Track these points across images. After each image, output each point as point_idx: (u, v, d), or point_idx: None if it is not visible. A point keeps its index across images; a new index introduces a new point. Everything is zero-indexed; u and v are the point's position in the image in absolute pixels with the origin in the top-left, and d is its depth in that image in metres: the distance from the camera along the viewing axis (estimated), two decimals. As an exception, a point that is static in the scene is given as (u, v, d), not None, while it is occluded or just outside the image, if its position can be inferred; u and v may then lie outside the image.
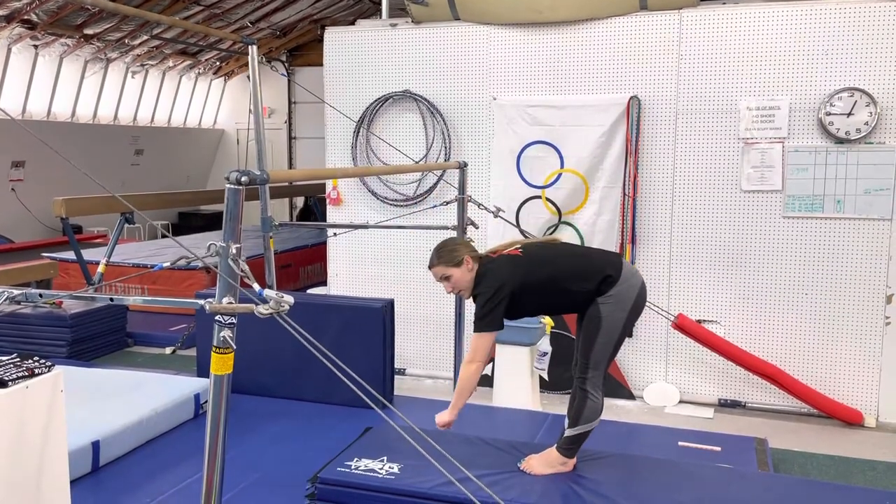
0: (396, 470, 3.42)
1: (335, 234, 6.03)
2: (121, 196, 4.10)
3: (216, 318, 2.22)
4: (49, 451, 2.66)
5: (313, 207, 12.52)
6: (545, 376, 5.32)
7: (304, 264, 9.32)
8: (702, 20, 5.12)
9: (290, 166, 14.10)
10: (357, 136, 5.97)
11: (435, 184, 5.85)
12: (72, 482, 2.97)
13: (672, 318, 5.11)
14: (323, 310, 4.86)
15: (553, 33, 5.44)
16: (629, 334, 3.43)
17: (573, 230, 5.51)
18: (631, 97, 5.26)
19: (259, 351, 4.70)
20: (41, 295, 2.72)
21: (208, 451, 2.28)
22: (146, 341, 6.87)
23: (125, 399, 4.37)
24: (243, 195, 2.25)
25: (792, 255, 5.07)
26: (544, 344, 5.18)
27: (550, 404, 5.22)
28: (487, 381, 5.47)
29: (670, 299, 5.34)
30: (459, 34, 5.67)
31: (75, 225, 10.56)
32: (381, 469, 3.43)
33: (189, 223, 13.31)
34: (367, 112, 5.91)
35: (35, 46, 10.07)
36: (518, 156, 5.57)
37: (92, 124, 11.62)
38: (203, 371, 5.07)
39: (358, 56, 5.92)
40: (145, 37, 10.71)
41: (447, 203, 5.08)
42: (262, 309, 2.14)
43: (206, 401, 4.51)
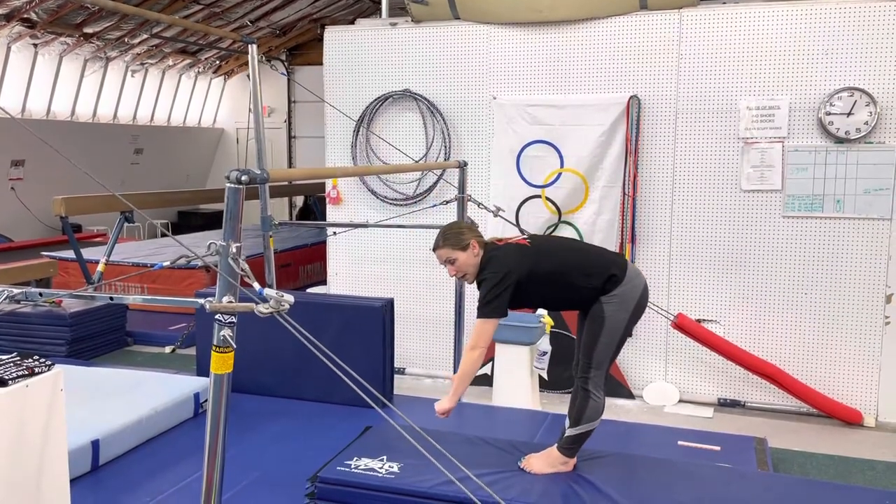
0: (396, 469, 3.42)
1: (335, 234, 6.03)
2: (120, 195, 4.10)
3: (216, 317, 2.22)
4: (49, 451, 2.65)
5: (313, 206, 12.52)
6: (545, 376, 5.32)
7: (304, 263, 9.32)
8: (702, 20, 5.12)
9: (290, 165, 14.09)
10: (357, 136, 5.96)
11: (435, 183, 5.85)
12: (71, 481, 2.96)
13: (672, 318, 5.11)
14: (323, 309, 4.86)
15: (553, 33, 5.44)
16: (629, 334, 3.42)
17: (573, 229, 5.52)
18: (631, 97, 5.26)
19: (259, 350, 4.70)
20: (41, 294, 2.72)
21: (208, 450, 2.28)
22: (146, 340, 6.87)
23: (125, 398, 4.36)
24: (243, 194, 2.25)
25: (791, 255, 5.08)
26: (544, 343, 5.18)
27: (550, 404, 5.22)
28: (487, 381, 5.47)
29: (670, 299, 5.34)
30: (459, 33, 5.67)
31: (75, 224, 10.56)
32: (381, 468, 3.43)
33: (189, 222, 13.32)
34: (367, 111, 5.91)
35: (34, 45, 10.06)
36: (518, 155, 5.57)
37: (91, 123, 11.62)
38: (203, 370, 5.07)
39: (358, 55, 5.92)
40: (145, 35, 10.71)
41: (447, 202, 5.08)
42: (263, 308, 2.14)
43: (206, 400, 4.51)
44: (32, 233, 10.81)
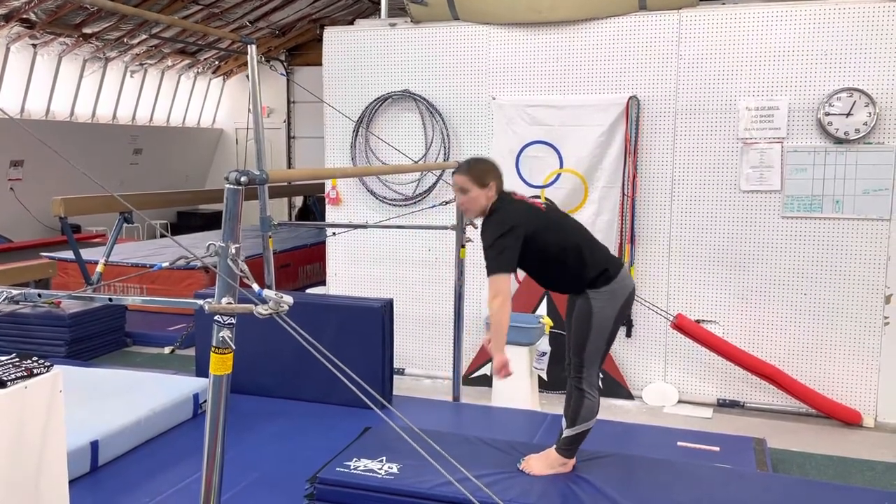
0: (395, 470, 3.42)
1: (334, 234, 6.03)
2: (119, 195, 4.09)
3: (215, 319, 2.22)
4: (48, 452, 2.65)
5: (312, 207, 12.52)
6: (544, 376, 5.33)
7: (303, 264, 9.31)
8: (701, 20, 5.12)
9: (289, 166, 14.09)
10: (356, 136, 5.96)
11: (434, 184, 5.85)
12: (70, 482, 2.96)
13: (671, 318, 5.11)
14: (322, 310, 4.86)
15: (552, 33, 5.44)
16: (616, 333, 3.43)
17: (572, 230, 5.51)
18: (630, 97, 5.26)
19: (258, 351, 4.69)
20: (40, 295, 2.72)
21: (207, 451, 2.28)
22: (145, 341, 6.87)
23: (124, 399, 4.36)
24: (242, 195, 2.25)
25: (791, 256, 5.08)
26: (543, 344, 5.18)
27: (549, 404, 5.21)
28: (486, 381, 5.47)
29: (669, 299, 5.34)
30: (458, 34, 5.67)
31: (74, 224, 10.55)
32: (381, 469, 3.43)
33: (188, 222, 13.31)
34: (367, 112, 5.91)
35: (34, 45, 10.06)
36: (517, 155, 5.57)
37: (91, 123, 11.61)
38: (202, 371, 5.06)
39: (357, 56, 5.92)
40: (144, 36, 10.71)
41: (446, 203, 5.08)
42: (262, 309, 2.14)
43: (205, 401, 4.51)
44: (31, 233, 10.80)
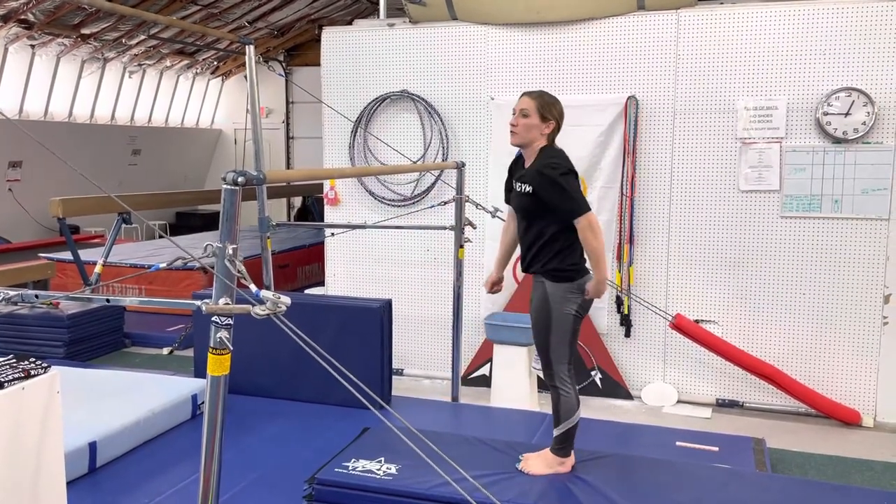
0: (394, 471, 3.41)
1: (333, 235, 6.02)
2: (118, 196, 4.08)
3: (213, 319, 2.21)
4: (45, 453, 2.65)
5: (311, 207, 12.52)
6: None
7: (302, 264, 9.31)
8: (699, 20, 5.12)
9: (288, 166, 14.09)
10: (354, 136, 5.96)
11: (433, 184, 5.85)
12: (69, 483, 2.96)
13: (670, 319, 5.10)
14: (321, 310, 4.86)
15: (551, 33, 5.44)
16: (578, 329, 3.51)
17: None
18: (629, 97, 5.26)
19: (256, 351, 4.69)
20: (37, 296, 2.72)
21: (205, 452, 2.28)
22: (143, 342, 6.86)
23: (122, 400, 4.36)
24: (240, 196, 2.25)
25: (789, 255, 5.07)
26: (542, 344, 5.16)
27: (548, 404, 5.17)
28: (485, 382, 5.47)
29: (668, 299, 5.34)
30: (457, 34, 5.66)
31: (72, 225, 10.56)
32: (379, 470, 3.42)
33: (187, 223, 13.30)
34: (365, 112, 5.90)
35: (32, 46, 10.05)
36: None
37: (89, 124, 11.60)
38: (200, 371, 5.06)
39: (355, 56, 5.92)
40: (142, 36, 10.70)
41: (445, 203, 5.08)
42: (259, 310, 2.14)
43: (204, 401, 4.52)
44: (30, 234, 10.80)
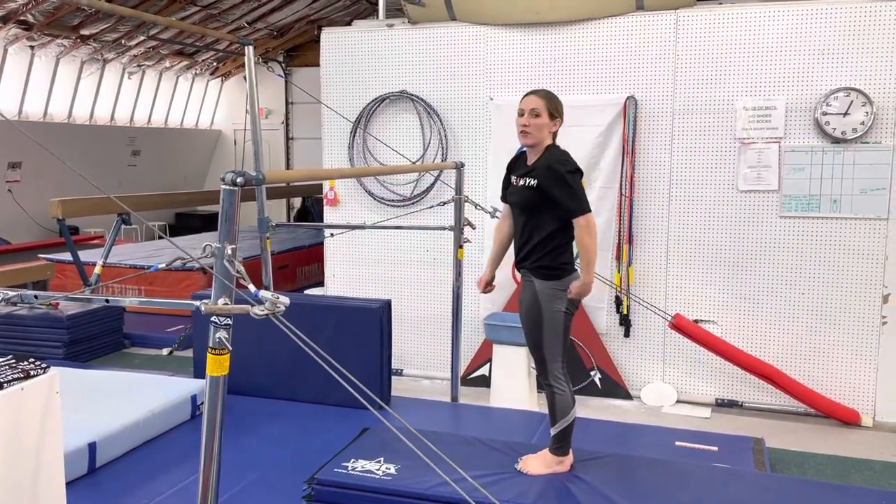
0: (393, 471, 3.42)
1: (332, 235, 6.02)
2: (117, 197, 4.09)
3: (212, 320, 2.21)
4: (45, 453, 2.65)
5: (311, 208, 12.52)
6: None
7: (302, 265, 9.31)
8: (698, 20, 5.12)
9: (288, 167, 14.10)
10: (354, 137, 5.96)
11: (432, 184, 5.85)
12: (68, 484, 2.96)
13: (669, 319, 5.11)
14: (320, 310, 4.86)
15: (550, 33, 5.44)
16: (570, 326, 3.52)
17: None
18: (628, 97, 5.26)
19: (256, 352, 4.70)
20: (37, 296, 2.72)
21: (204, 453, 2.28)
22: (143, 342, 6.86)
23: (122, 400, 4.36)
24: (239, 196, 2.25)
25: (789, 255, 5.08)
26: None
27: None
28: (485, 382, 5.47)
29: (667, 299, 5.34)
30: (456, 34, 5.67)
31: (72, 226, 10.55)
32: (378, 470, 3.43)
33: (186, 224, 13.30)
34: (364, 112, 5.91)
35: (31, 47, 10.05)
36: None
37: (89, 125, 11.61)
38: (200, 372, 5.05)
39: (355, 56, 5.92)
40: (142, 37, 10.71)
41: (444, 203, 5.08)
42: (258, 310, 2.14)
43: (203, 402, 4.51)
44: (29, 235, 10.80)
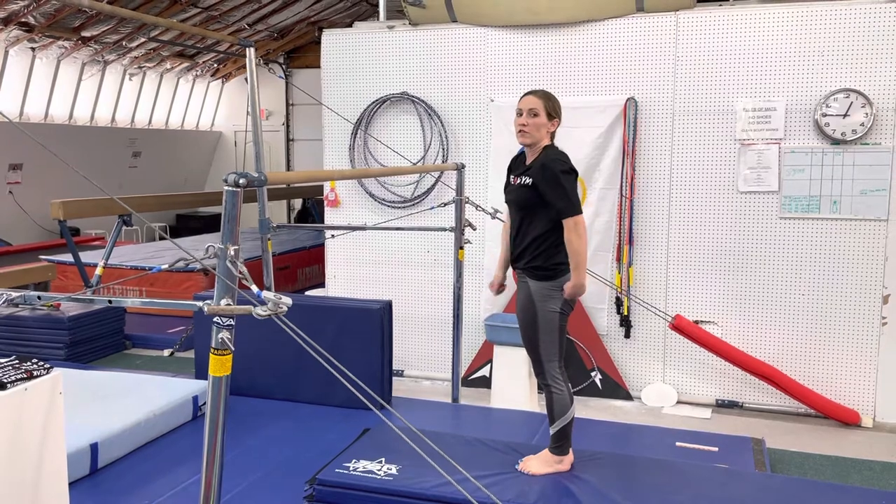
0: (395, 471, 3.42)
1: (333, 236, 6.03)
2: (119, 198, 4.09)
3: (214, 320, 2.22)
4: (48, 454, 2.66)
5: (311, 209, 12.53)
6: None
7: (302, 266, 9.32)
8: (698, 22, 5.13)
9: (288, 168, 14.11)
10: (355, 138, 5.97)
11: (433, 185, 5.86)
12: (70, 484, 2.97)
13: (669, 319, 5.11)
14: (321, 311, 4.86)
15: (550, 35, 5.45)
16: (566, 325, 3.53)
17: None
18: (628, 99, 5.27)
19: (257, 353, 4.71)
20: (40, 297, 2.73)
21: (207, 453, 2.29)
22: (144, 343, 6.87)
23: (124, 401, 4.37)
24: (241, 197, 2.26)
25: (789, 256, 5.09)
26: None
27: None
28: (485, 383, 5.48)
29: (668, 300, 5.35)
30: (457, 36, 5.68)
31: (72, 227, 10.57)
32: (380, 470, 3.43)
33: (187, 225, 13.32)
34: (365, 114, 5.92)
35: (32, 49, 10.07)
36: (515, 157, 5.57)
37: (89, 126, 11.62)
38: (202, 373, 5.07)
39: (355, 58, 5.93)
40: (143, 39, 10.72)
41: (445, 204, 5.09)
42: (261, 310, 2.15)
43: (205, 402, 4.51)
44: (30, 236, 10.81)
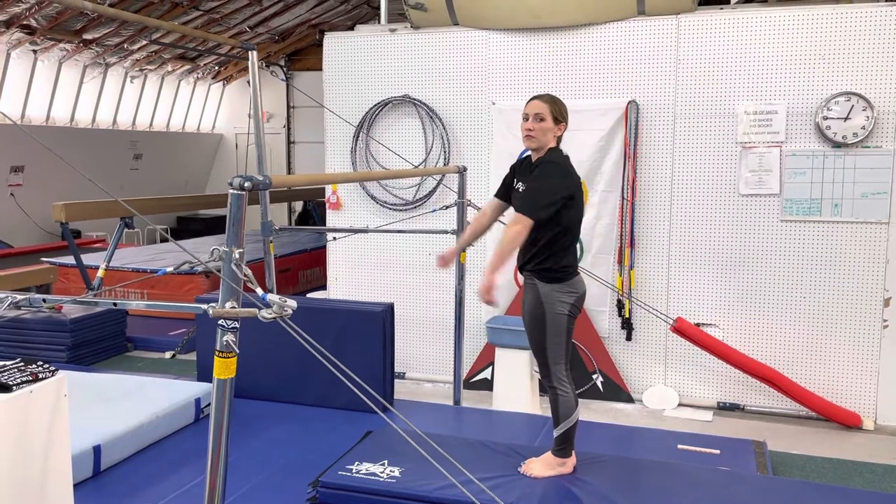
0: (397, 473, 3.43)
1: (335, 239, 6.04)
2: (122, 201, 4.10)
3: (219, 323, 2.23)
4: (53, 455, 2.67)
5: (312, 211, 12.54)
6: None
7: (303, 268, 9.33)
8: (699, 25, 5.15)
9: (289, 171, 14.12)
10: (356, 141, 5.98)
11: (434, 188, 5.87)
12: (73, 486, 2.97)
13: (671, 322, 5.12)
14: (323, 314, 4.87)
15: (552, 38, 5.46)
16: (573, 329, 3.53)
17: (572, 234, 5.53)
18: (629, 101, 5.28)
19: (259, 355, 4.71)
20: (45, 300, 2.74)
21: (211, 455, 2.29)
22: (145, 346, 6.87)
23: (126, 403, 4.38)
24: (246, 200, 2.27)
25: (790, 259, 5.09)
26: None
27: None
28: (487, 385, 5.48)
29: (669, 303, 5.36)
30: (458, 39, 5.69)
31: (73, 229, 10.57)
32: (383, 473, 3.44)
33: (188, 227, 13.32)
34: (367, 117, 5.93)
35: (34, 51, 10.08)
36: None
37: (91, 129, 11.63)
38: (203, 375, 5.08)
39: (357, 61, 5.94)
40: (144, 42, 10.73)
41: (446, 207, 5.10)
42: (266, 313, 2.16)
43: (208, 405, 4.52)
44: (32, 239, 10.82)
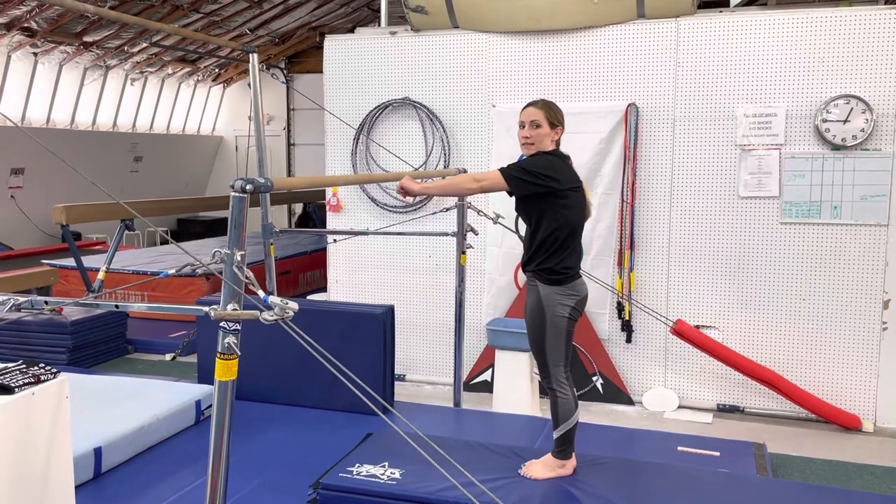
0: (398, 475, 3.43)
1: (335, 241, 6.05)
2: (123, 203, 4.10)
3: (221, 325, 2.24)
4: (54, 457, 2.67)
5: (312, 213, 12.56)
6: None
7: (304, 271, 9.34)
8: (699, 28, 5.16)
9: (289, 173, 14.13)
10: (357, 143, 5.99)
11: (434, 190, 5.87)
12: (74, 488, 2.98)
13: (671, 324, 5.13)
14: (323, 316, 4.87)
15: (552, 41, 5.48)
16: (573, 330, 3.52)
17: (572, 236, 5.53)
18: (629, 104, 5.29)
19: (259, 357, 4.71)
20: (47, 302, 2.74)
21: (213, 456, 2.30)
22: (146, 348, 6.87)
23: (127, 405, 4.38)
24: (248, 203, 2.28)
25: (789, 261, 5.10)
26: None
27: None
28: (487, 387, 5.49)
29: (669, 305, 5.37)
30: (458, 42, 5.70)
31: (74, 232, 10.56)
32: (383, 474, 3.44)
33: (188, 229, 13.33)
34: (367, 119, 5.94)
35: (35, 54, 10.10)
36: (517, 162, 5.59)
37: (91, 131, 11.64)
38: (204, 377, 5.08)
39: (357, 63, 5.96)
40: (144, 44, 10.75)
41: (447, 209, 5.10)
42: (268, 315, 2.17)
43: (208, 407, 4.53)
44: (32, 241, 10.82)
